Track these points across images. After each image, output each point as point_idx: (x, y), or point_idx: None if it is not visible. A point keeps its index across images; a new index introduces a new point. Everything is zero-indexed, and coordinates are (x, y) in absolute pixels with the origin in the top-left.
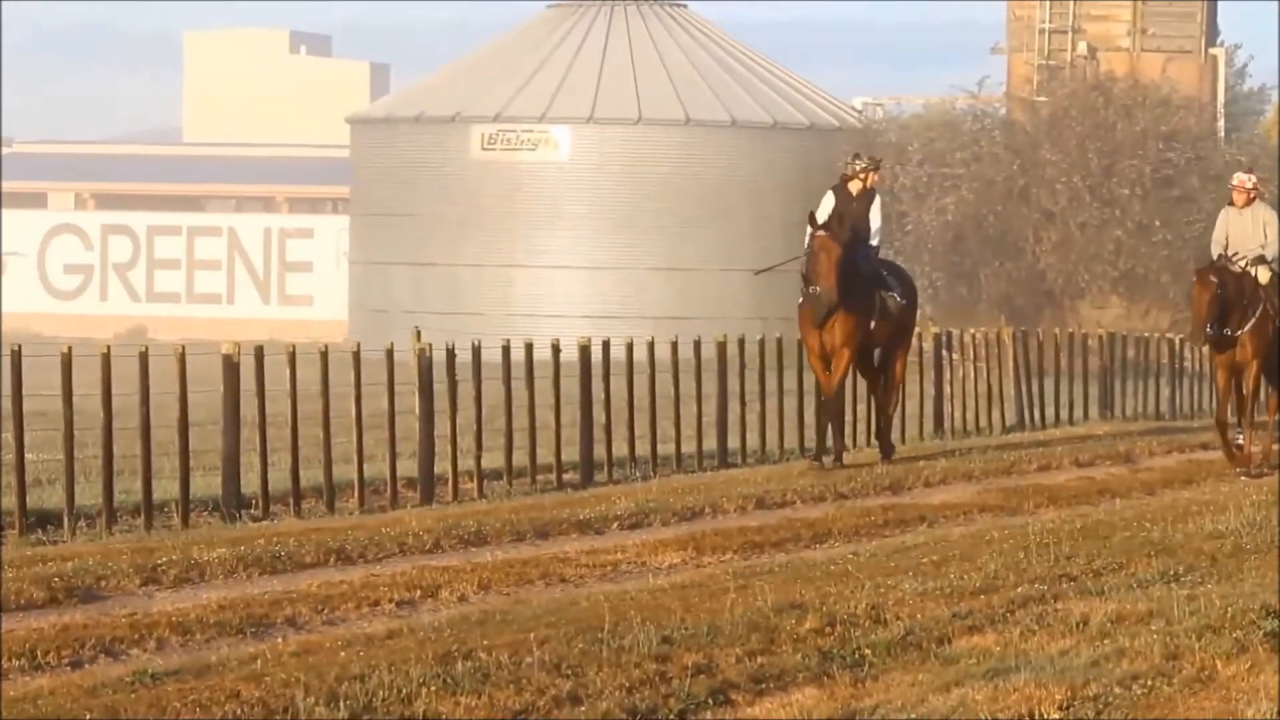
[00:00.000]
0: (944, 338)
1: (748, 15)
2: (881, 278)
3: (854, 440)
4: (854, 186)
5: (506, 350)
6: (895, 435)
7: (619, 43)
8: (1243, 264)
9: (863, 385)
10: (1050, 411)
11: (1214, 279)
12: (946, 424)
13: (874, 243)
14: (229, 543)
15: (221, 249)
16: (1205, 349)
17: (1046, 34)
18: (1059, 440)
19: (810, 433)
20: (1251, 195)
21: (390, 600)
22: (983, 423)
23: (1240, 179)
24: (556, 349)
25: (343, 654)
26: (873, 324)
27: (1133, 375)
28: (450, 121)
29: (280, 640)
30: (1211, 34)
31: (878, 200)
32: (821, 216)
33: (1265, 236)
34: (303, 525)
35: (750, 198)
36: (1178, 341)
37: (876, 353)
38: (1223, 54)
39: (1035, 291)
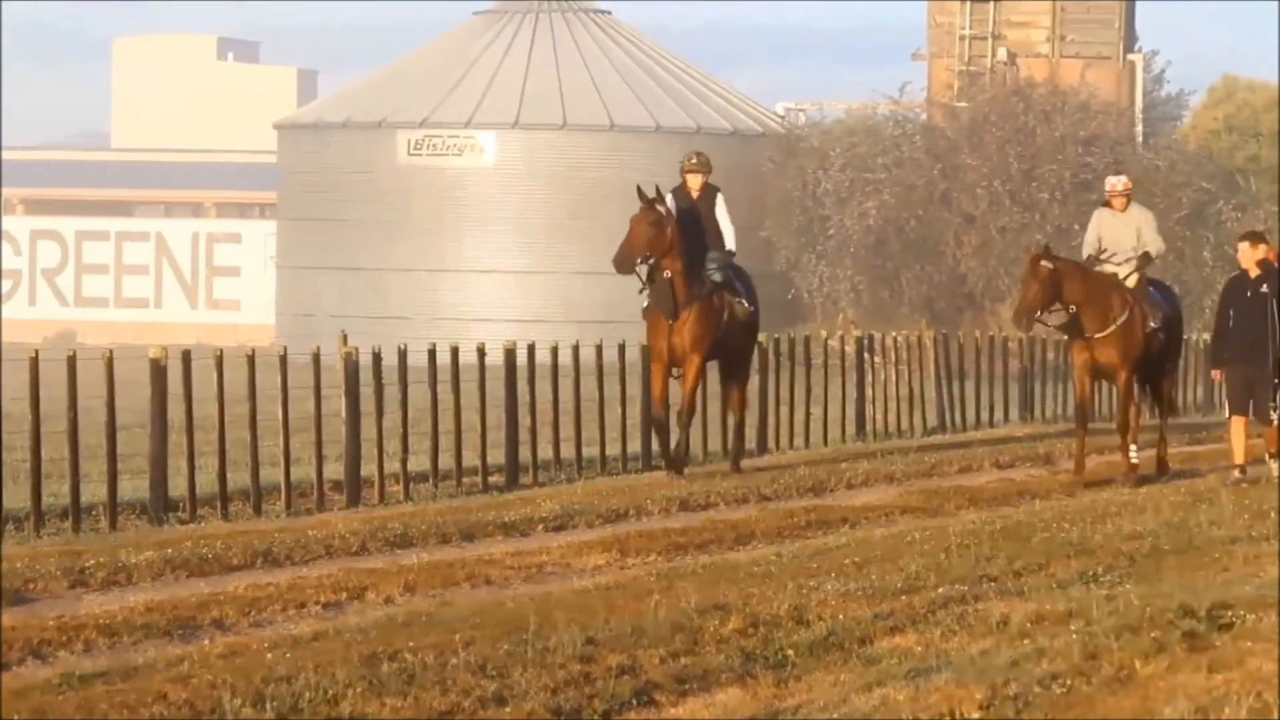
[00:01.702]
0: (865, 340)
1: (671, 21)
2: (732, 284)
3: (722, 443)
4: (693, 182)
5: (432, 354)
6: (817, 436)
7: (544, 48)
8: (1118, 264)
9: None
10: (971, 414)
11: (1047, 264)
12: (868, 426)
13: (730, 246)
14: (156, 545)
15: (149, 254)
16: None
17: (967, 40)
18: (979, 442)
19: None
20: (1128, 198)
21: (317, 602)
22: (904, 425)
23: (1115, 183)
24: (482, 352)
25: (269, 656)
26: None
27: (1052, 378)
28: (377, 127)
29: (207, 642)
30: (1130, 40)
31: (721, 200)
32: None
33: (1141, 237)
34: (230, 528)
35: None
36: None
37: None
38: (1141, 60)
39: (956, 295)
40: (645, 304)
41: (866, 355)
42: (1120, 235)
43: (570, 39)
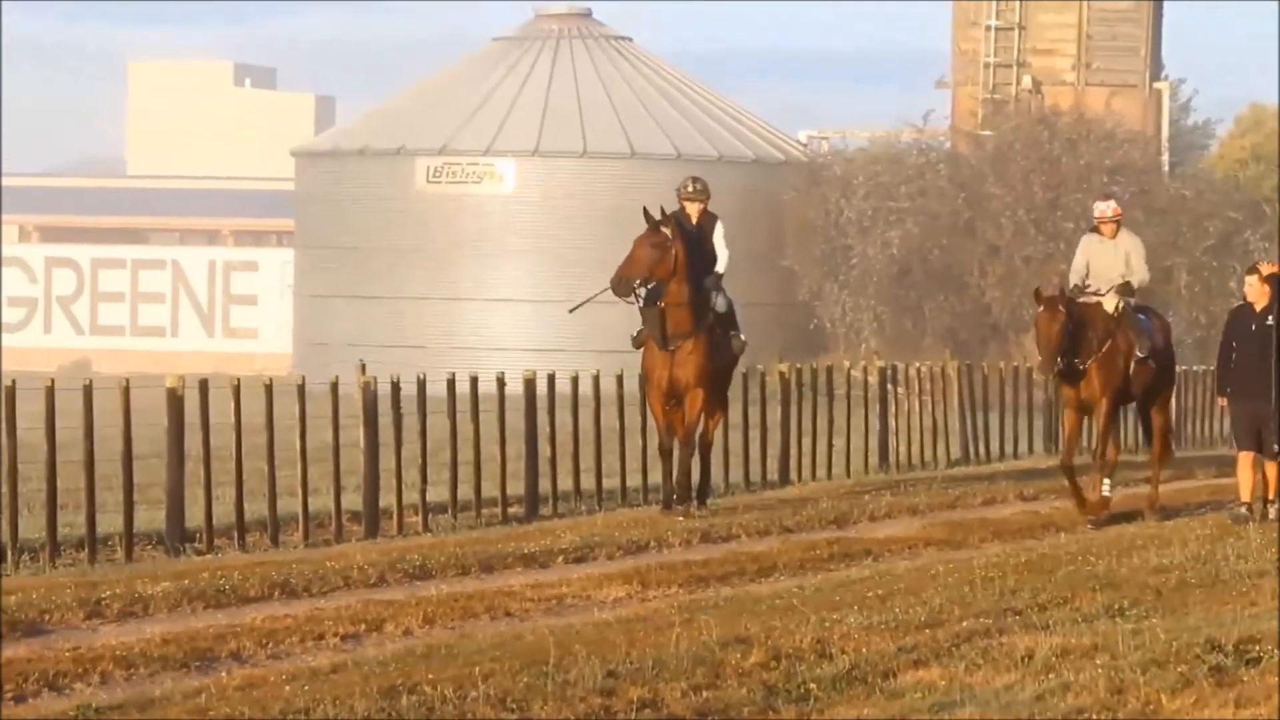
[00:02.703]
0: (889, 372)
1: (692, 46)
2: (734, 315)
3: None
4: (691, 209)
5: (452, 383)
6: (839, 468)
7: (564, 76)
8: (1103, 293)
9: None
10: (995, 445)
11: (1062, 308)
12: (891, 458)
13: (720, 270)
14: (173, 576)
15: (166, 282)
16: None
17: (991, 68)
18: (1003, 474)
19: (756, 467)
20: (1117, 224)
21: (335, 634)
22: (928, 456)
23: (1104, 208)
24: (501, 382)
25: (287, 688)
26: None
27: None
28: (395, 154)
29: (224, 674)
30: (1156, 68)
31: (720, 227)
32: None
33: (1129, 265)
34: (247, 559)
35: None
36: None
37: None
38: (1167, 88)
39: (980, 325)
40: (636, 330)
41: (890, 386)
42: (1109, 262)
43: (591, 66)
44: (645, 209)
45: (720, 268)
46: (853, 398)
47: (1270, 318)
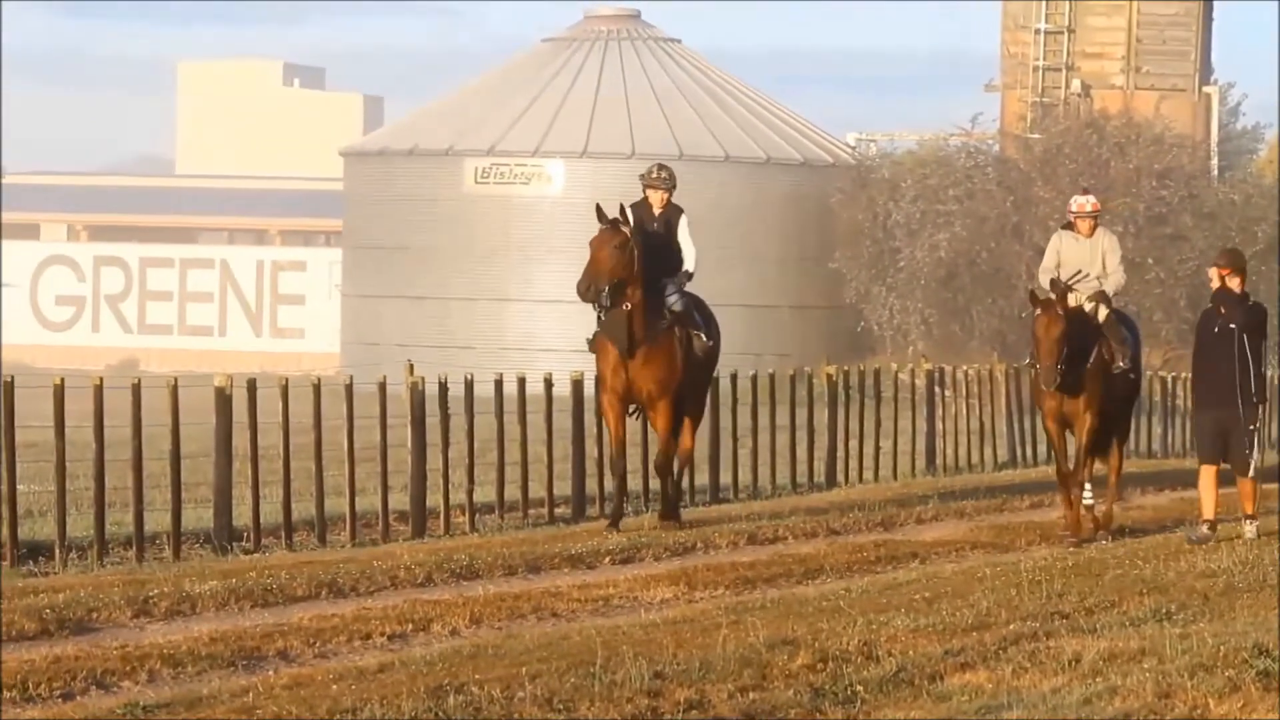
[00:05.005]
0: (936, 374)
1: (741, 47)
2: (691, 314)
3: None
4: (655, 198)
5: (499, 384)
6: (886, 470)
7: (613, 77)
8: (1083, 295)
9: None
10: (1043, 448)
11: (1061, 311)
12: (938, 460)
13: (689, 268)
14: (220, 575)
15: (214, 281)
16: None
17: (1041, 71)
18: (1050, 477)
19: (803, 468)
20: (1095, 221)
21: (382, 634)
22: (975, 459)
23: (1083, 203)
24: (549, 383)
25: (334, 687)
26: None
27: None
28: (444, 155)
29: (272, 673)
30: (1205, 72)
31: (685, 221)
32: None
33: (1105, 266)
34: (294, 558)
35: (743, 232)
36: (1170, 379)
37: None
38: (1216, 92)
39: (1028, 328)
40: (592, 332)
41: (937, 389)
42: (1082, 262)
43: (639, 67)
44: (599, 206)
45: (689, 265)
46: (900, 400)
47: (1233, 322)
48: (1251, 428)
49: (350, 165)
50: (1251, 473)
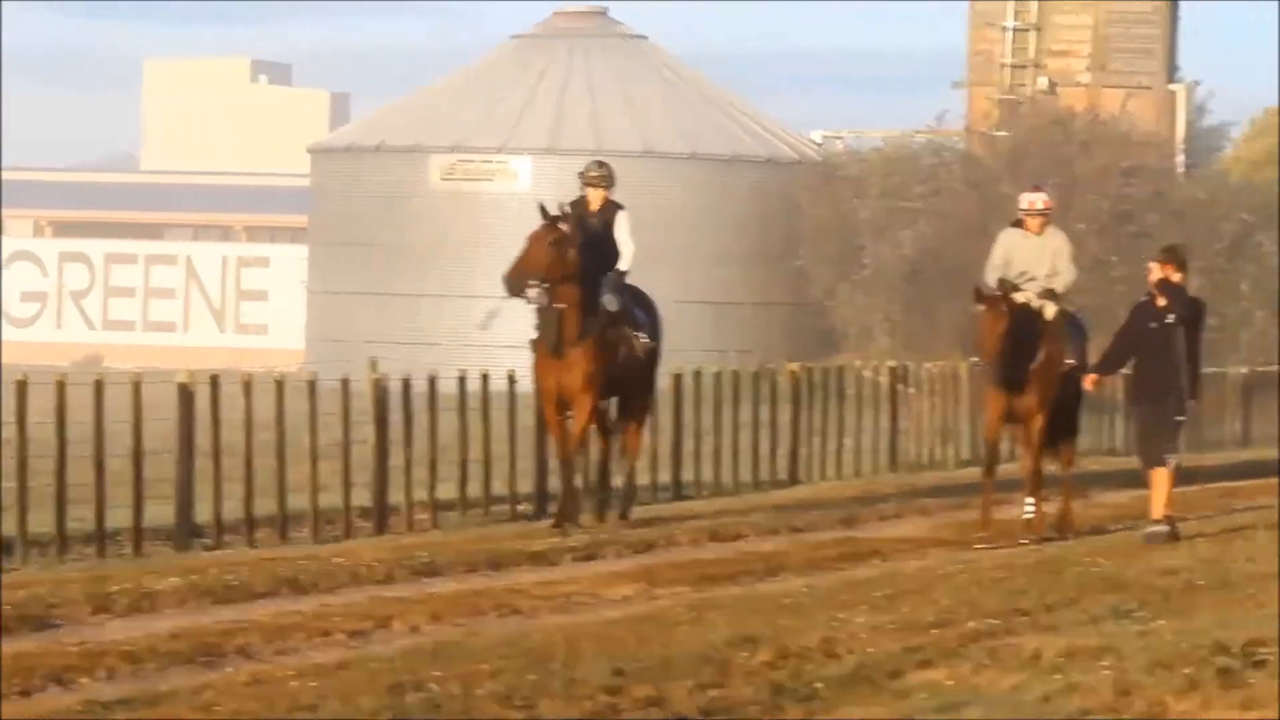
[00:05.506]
0: (900, 372)
1: (708, 45)
2: (631, 314)
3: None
4: (594, 196)
5: (462, 381)
6: (849, 468)
7: (579, 74)
8: (1029, 294)
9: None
10: (1005, 446)
11: (1006, 308)
12: (901, 458)
13: (623, 266)
14: (181, 572)
15: (178, 277)
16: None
17: (1008, 69)
18: (1013, 475)
19: (765, 466)
20: (1046, 219)
21: (342, 630)
22: (938, 457)
23: (1034, 200)
24: (512, 380)
25: (294, 684)
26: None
27: (1088, 411)
28: (410, 151)
29: (232, 670)
30: (1172, 70)
31: (623, 216)
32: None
33: (1054, 266)
34: (256, 555)
35: (708, 230)
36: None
37: (612, 407)
38: (1183, 90)
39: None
40: (533, 334)
41: (900, 386)
42: (1031, 261)
43: (606, 65)
44: (541, 204)
45: (624, 265)
46: (863, 398)
47: (1171, 315)
48: (1177, 419)
49: (317, 162)
50: (1171, 467)
